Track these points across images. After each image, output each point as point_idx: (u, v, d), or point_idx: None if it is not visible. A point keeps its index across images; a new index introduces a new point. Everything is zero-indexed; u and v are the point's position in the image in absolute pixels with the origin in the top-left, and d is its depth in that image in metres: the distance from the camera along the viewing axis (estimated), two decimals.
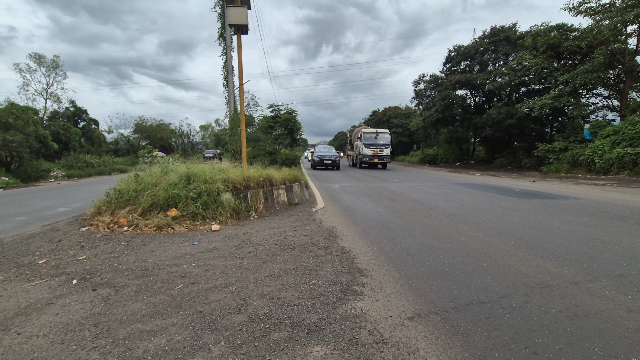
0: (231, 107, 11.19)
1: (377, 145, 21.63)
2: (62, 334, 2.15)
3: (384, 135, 22.26)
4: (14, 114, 18.08)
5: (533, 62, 18.11)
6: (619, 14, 14.18)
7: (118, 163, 28.14)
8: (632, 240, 4.01)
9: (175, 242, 4.42)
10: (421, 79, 28.38)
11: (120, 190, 5.89)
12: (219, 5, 11.36)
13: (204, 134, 52.70)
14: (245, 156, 8.75)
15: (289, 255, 3.69)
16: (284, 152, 15.01)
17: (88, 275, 3.23)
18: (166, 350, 1.93)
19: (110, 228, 5.15)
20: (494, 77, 22.64)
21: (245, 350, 1.91)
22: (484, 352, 1.86)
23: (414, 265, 3.28)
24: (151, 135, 40.30)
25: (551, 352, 1.86)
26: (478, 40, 24.87)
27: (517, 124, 19.90)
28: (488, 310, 2.33)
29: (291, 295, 2.64)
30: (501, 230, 4.57)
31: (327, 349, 1.92)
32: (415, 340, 2.00)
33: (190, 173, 6.08)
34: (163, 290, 2.80)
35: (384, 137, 22.11)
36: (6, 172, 16.95)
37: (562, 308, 2.35)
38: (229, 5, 8.08)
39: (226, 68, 11.38)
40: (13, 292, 2.88)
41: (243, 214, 5.93)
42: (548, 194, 8.41)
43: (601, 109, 18.67)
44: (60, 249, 4.21)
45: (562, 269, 3.08)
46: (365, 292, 2.69)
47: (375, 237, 4.41)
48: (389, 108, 46.62)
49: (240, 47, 8.43)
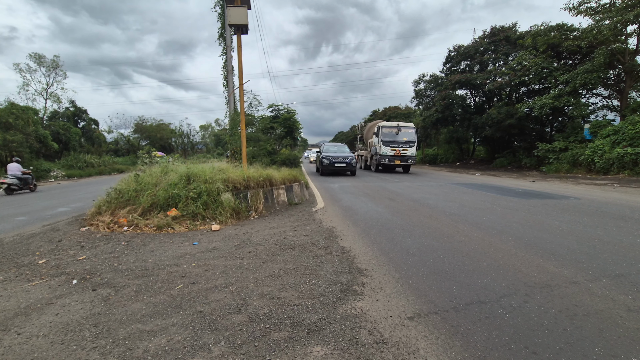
0: (231, 107, 11.20)
1: (399, 142, 17.36)
2: (62, 334, 2.15)
3: (409, 131, 17.76)
4: (14, 114, 18.10)
5: (533, 62, 18.10)
6: (619, 14, 14.18)
7: (118, 163, 28.19)
8: (632, 240, 4.01)
9: (175, 242, 4.42)
10: (421, 79, 28.40)
11: (120, 190, 5.90)
12: (219, 5, 11.37)
13: (204, 134, 52.73)
14: (246, 156, 8.75)
15: (289, 255, 3.69)
16: (284, 152, 15.03)
17: (88, 275, 3.23)
18: (166, 350, 1.94)
19: (110, 228, 5.15)
20: (494, 77, 22.63)
21: (245, 350, 1.91)
22: (484, 352, 1.86)
23: (414, 265, 3.28)
24: (151, 135, 40.33)
25: (551, 352, 1.86)
26: (478, 40, 24.86)
27: (517, 124, 19.90)
28: (488, 310, 2.33)
29: (291, 295, 2.64)
30: (501, 230, 4.57)
31: (327, 348, 1.92)
32: (415, 340, 2.00)
33: (190, 173, 6.08)
34: (163, 290, 2.80)
35: (408, 132, 17.70)
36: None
37: (562, 308, 2.35)
38: (229, 5, 8.08)
39: (226, 68, 11.38)
40: (13, 292, 2.88)
41: (243, 214, 5.93)
42: (548, 193, 8.41)
43: (601, 109, 18.67)
44: (60, 249, 4.21)
45: (562, 269, 3.08)
46: (365, 292, 2.69)
47: (375, 237, 4.41)
48: (389, 108, 46.66)
49: (240, 47, 8.44)
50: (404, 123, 18.74)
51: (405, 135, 17.57)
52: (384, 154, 17.37)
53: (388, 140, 17.40)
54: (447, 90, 24.33)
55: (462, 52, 25.33)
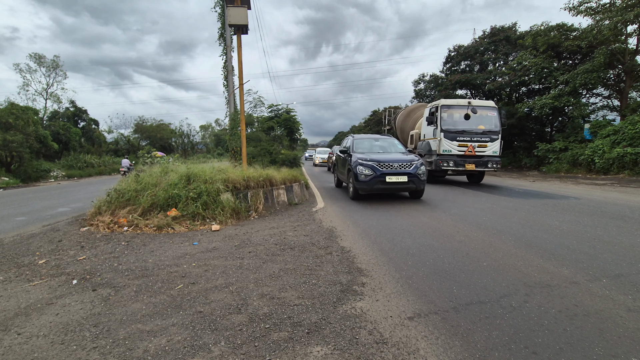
0: (231, 107, 11.20)
1: (473, 133, 10.48)
2: (62, 334, 2.16)
3: (488, 114, 10.79)
4: (14, 114, 18.10)
5: (533, 62, 18.10)
6: (619, 14, 14.17)
7: (118, 163, 28.16)
8: (632, 240, 4.01)
9: (175, 242, 4.42)
10: (421, 79, 28.40)
11: (120, 190, 5.90)
12: (219, 5, 11.36)
13: (204, 134, 52.75)
14: (246, 156, 8.75)
15: (289, 255, 3.69)
16: (285, 152, 15.02)
17: (88, 276, 3.23)
18: (166, 350, 1.94)
19: (111, 228, 5.15)
20: (494, 77, 22.62)
21: (245, 350, 1.91)
22: (484, 352, 1.86)
23: (414, 265, 3.28)
24: (151, 135, 40.33)
25: (551, 352, 1.86)
26: (478, 40, 24.86)
27: (517, 124, 19.89)
28: (488, 310, 2.33)
29: (291, 295, 2.64)
30: (501, 230, 4.57)
31: (327, 349, 1.92)
32: (415, 340, 2.00)
33: (190, 173, 6.08)
34: (163, 291, 2.80)
35: (486, 116, 10.76)
36: (6, 172, 16.96)
37: (562, 308, 2.35)
38: (229, 5, 8.08)
39: (226, 68, 11.38)
40: (13, 292, 2.88)
41: (243, 214, 5.93)
42: (548, 193, 8.41)
43: (601, 109, 18.64)
44: (60, 249, 4.22)
45: (562, 269, 3.08)
46: (365, 292, 2.69)
47: (376, 237, 4.41)
48: (389, 108, 46.69)
49: (240, 47, 8.44)
50: (478, 101, 11.60)
51: (483, 121, 10.60)
52: (446, 152, 10.37)
53: (454, 130, 10.39)
54: (447, 90, 24.31)
55: (462, 52, 25.32)
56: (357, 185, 7.18)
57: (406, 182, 6.98)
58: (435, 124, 10.77)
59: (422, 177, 7.14)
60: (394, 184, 6.95)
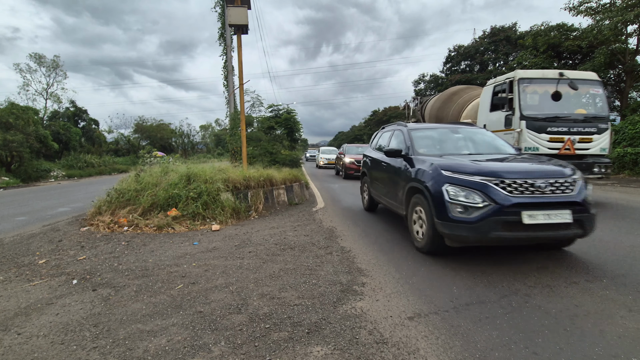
0: (231, 107, 11.20)
1: (570, 121, 6.44)
2: (62, 334, 2.16)
3: (591, 91, 6.84)
4: (14, 114, 18.10)
5: (533, 62, 18.09)
6: (620, 14, 14.17)
7: (118, 163, 28.15)
8: (632, 240, 4.01)
9: (175, 242, 4.42)
10: (421, 79, 28.46)
11: (120, 190, 5.90)
12: (219, 5, 11.36)
13: (204, 134, 52.72)
14: (246, 156, 8.75)
15: (289, 255, 3.69)
16: (285, 153, 15.01)
17: (88, 275, 3.23)
18: (166, 350, 1.94)
19: (111, 228, 5.15)
20: (494, 77, 22.65)
21: (246, 350, 1.91)
22: (484, 352, 1.86)
23: (414, 265, 3.28)
24: (151, 135, 40.31)
25: (551, 352, 1.86)
26: (478, 40, 24.89)
27: None
28: (488, 310, 2.33)
29: (291, 295, 2.64)
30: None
31: (327, 349, 1.92)
32: (416, 340, 2.00)
33: (190, 173, 6.08)
34: (163, 290, 2.80)
35: (587, 94, 6.91)
36: (6, 172, 16.97)
37: (562, 308, 2.35)
38: (229, 5, 8.08)
39: (226, 68, 11.39)
40: (13, 292, 2.88)
41: (243, 213, 5.93)
42: None
43: None
44: (60, 249, 4.22)
45: (561, 269, 3.08)
46: (366, 292, 2.69)
47: (376, 237, 4.41)
48: (389, 108, 46.70)
49: (240, 47, 8.44)
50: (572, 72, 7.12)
51: (581, 102, 6.94)
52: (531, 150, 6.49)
53: (541, 116, 6.53)
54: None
55: (462, 52, 25.36)
56: (443, 228, 3.23)
57: (568, 225, 3.03)
58: (506, 108, 6.89)
59: (592, 209, 3.39)
60: (541, 230, 2.97)
